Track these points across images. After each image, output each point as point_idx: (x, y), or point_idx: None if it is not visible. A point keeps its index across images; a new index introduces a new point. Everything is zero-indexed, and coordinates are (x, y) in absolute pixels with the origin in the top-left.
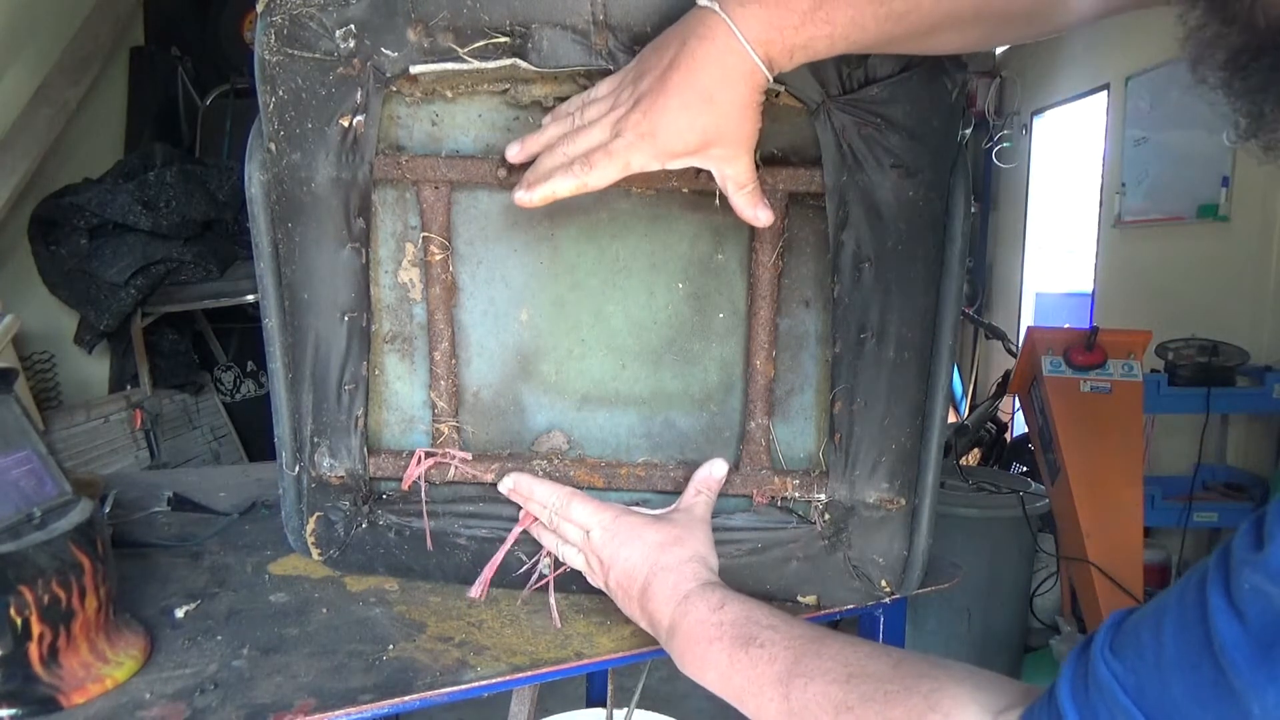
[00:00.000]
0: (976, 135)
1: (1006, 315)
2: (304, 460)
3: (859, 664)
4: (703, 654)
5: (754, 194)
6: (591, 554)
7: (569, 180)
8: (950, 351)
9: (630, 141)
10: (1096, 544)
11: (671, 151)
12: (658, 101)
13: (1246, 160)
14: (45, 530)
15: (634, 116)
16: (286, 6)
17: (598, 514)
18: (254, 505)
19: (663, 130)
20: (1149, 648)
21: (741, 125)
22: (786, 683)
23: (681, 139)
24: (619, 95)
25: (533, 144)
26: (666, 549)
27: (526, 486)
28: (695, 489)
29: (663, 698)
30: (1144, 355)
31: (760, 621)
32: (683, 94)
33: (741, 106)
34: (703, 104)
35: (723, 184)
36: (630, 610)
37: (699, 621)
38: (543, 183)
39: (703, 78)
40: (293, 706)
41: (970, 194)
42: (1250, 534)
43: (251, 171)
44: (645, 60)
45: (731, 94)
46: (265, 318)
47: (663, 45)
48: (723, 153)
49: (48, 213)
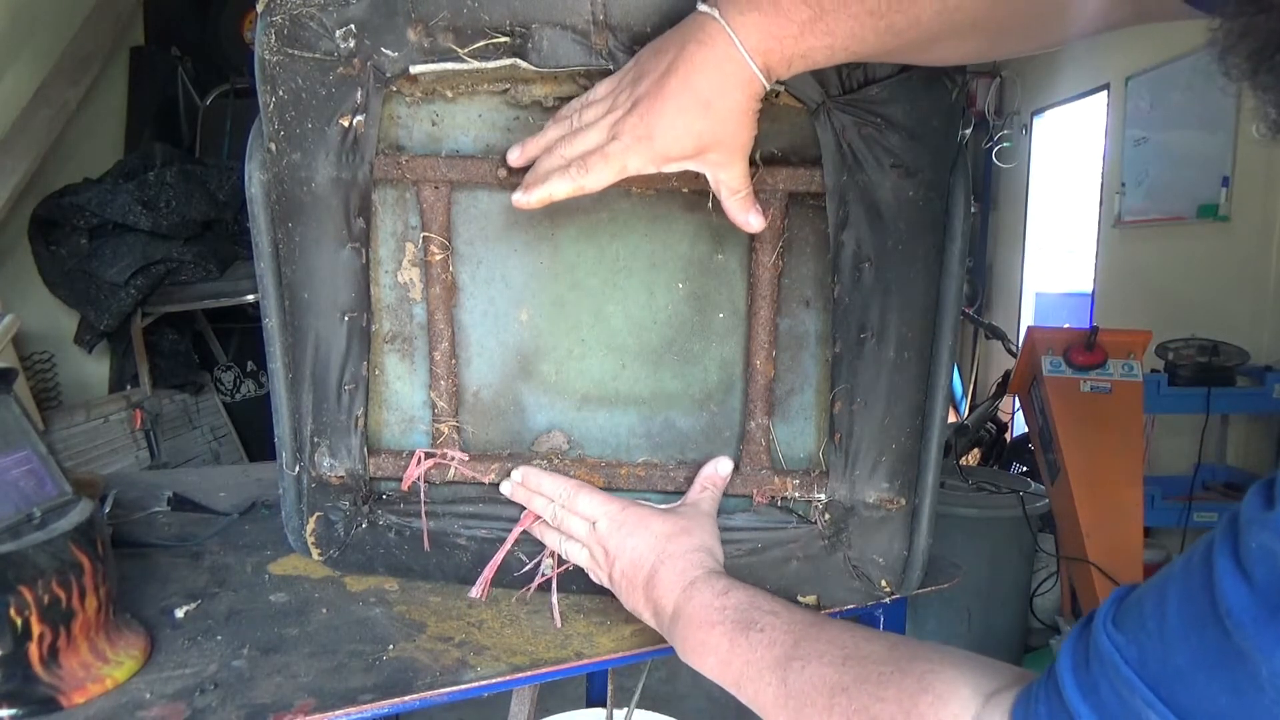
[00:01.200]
0: (976, 135)
1: (1006, 315)
2: (304, 460)
3: (855, 646)
4: (704, 639)
5: (747, 199)
6: (597, 545)
7: (566, 182)
8: (950, 351)
9: (627, 144)
10: (1096, 544)
11: (667, 155)
12: (655, 105)
13: (1246, 160)
14: (45, 530)
15: (631, 120)
16: (286, 6)
17: (605, 505)
18: (254, 505)
19: (659, 134)
20: (1152, 618)
21: (738, 132)
22: (784, 666)
23: (678, 143)
24: (616, 98)
25: (532, 147)
26: (674, 539)
27: (535, 479)
28: (701, 485)
29: (663, 698)
30: (1144, 355)
31: (762, 607)
32: (680, 99)
33: (738, 113)
34: (700, 109)
35: (716, 188)
36: (634, 601)
37: (702, 606)
38: (540, 185)
39: (700, 84)
40: (293, 706)
41: (970, 194)
42: (1260, 494)
43: (251, 171)
44: (644, 63)
45: (728, 101)
46: (265, 318)
47: (661, 49)
48: (718, 158)
49: (48, 213)
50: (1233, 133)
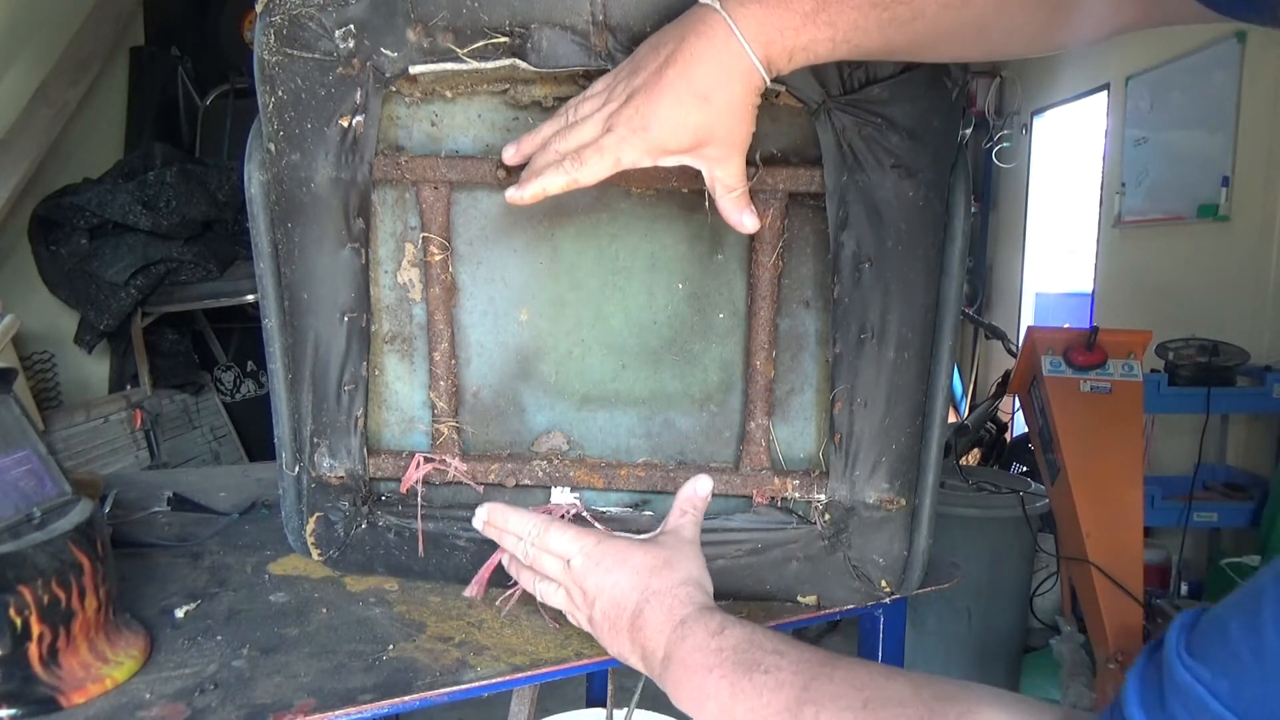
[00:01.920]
0: (976, 135)
1: (1006, 315)
2: (304, 460)
3: (874, 688)
4: (700, 684)
5: (742, 198)
6: (574, 585)
7: (560, 176)
8: (950, 351)
9: (622, 136)
10: (1096, 544)
11: (663, 147)
12: (652, 97)
13: (1246, 160)
14: (45, 530)
15: (626, 111)
16: (286, 6)
17: (578, 540)
18: (254, 505)
19: (655, 125)
20: (1244, 645)
21: (736, 126)
22: (795, 711)
23: (674, 135)
24: (612, 91)
25: (527, 144)
26: (657, 573)
27: (501, 517)
28: (680, 509)
29: (663, 698)
30: (1144, 355)
31: (764, 646)
32: (677, 90)
33: (737, 107)
34: (697, 101)
35: (711, 186)
36: (618, 646)
37: (696, 648)
38: (534, 179)
39: (699, 75)
40: (293, 706)
41: (970, 194)
42: None
43: (251, 171)
44: (641, 57)
45: (727, 93)
46: (265, 318)
47: (660, 42)
48: (715, 153)
49: (48, 213)
50: (1233, 133)
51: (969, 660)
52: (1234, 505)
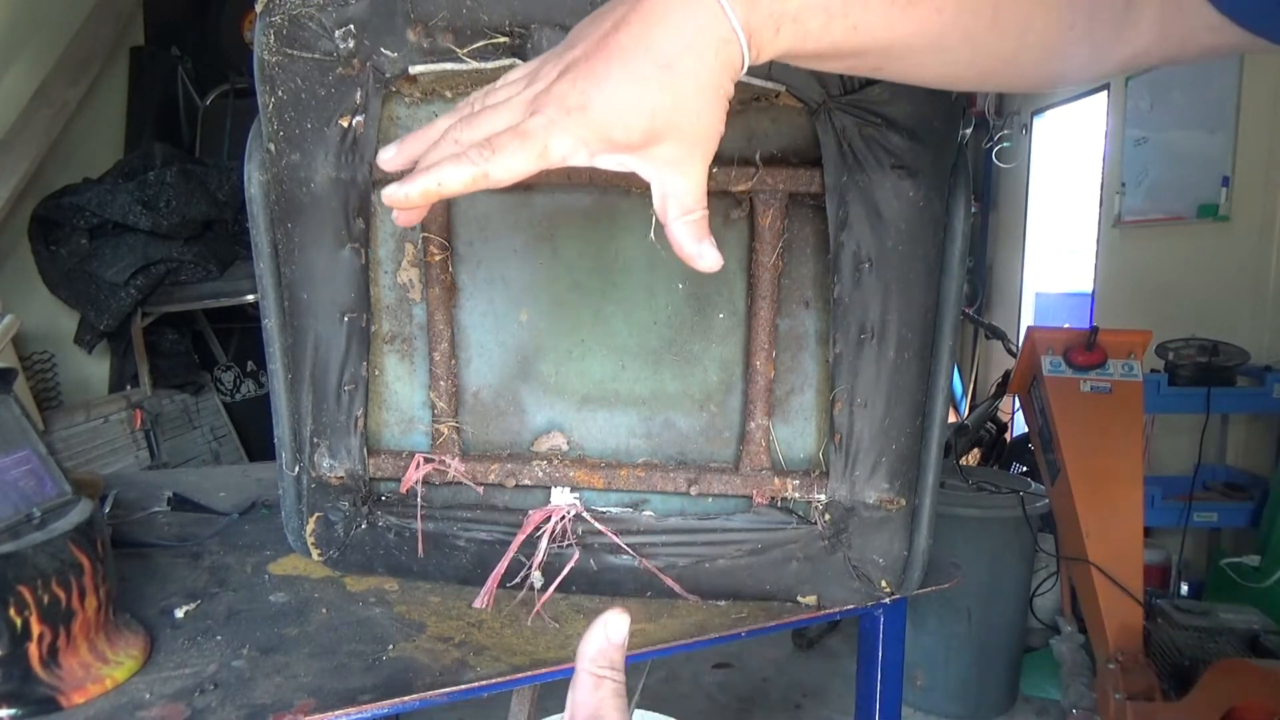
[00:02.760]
0: (976, 135)
1: (1006, 315)
2: (304, 460)
3: None
4: None
5: (700, 224)
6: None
7: (462, 168)
8: (950, 351)
9: (551, 118)
10: (1096, 544)
11: (607, 136)
12: (595, 65)
13: (1246, 160)
14: (45, 530)
15: (560, 87)
16: (286, 6)
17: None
18: (254, 505)
19: (598, 104)
20: None
21: (701, 116)
22: None
23: (622, 119)
24: (539, 71)
25: (414, 142)
26: None
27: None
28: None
29: (663, 698)
30: (1144, 355)
31: None
32: (630, 56)
33: (706, 86)
34: (657, 73)
35: (661, 205)
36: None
37: None
38: (424, 173)
39: (660, 38)
40: (293, 706)
41: (970, 194)
42: None
43: (251, 171)
44: (579, 30)
45: (696, 64)
46: (265, 318)
47: (606, 10)
48: (673, 154)
49: (48, 213)
50: (1233, 133)
51: (969, 660)
52: (1234, 505)
